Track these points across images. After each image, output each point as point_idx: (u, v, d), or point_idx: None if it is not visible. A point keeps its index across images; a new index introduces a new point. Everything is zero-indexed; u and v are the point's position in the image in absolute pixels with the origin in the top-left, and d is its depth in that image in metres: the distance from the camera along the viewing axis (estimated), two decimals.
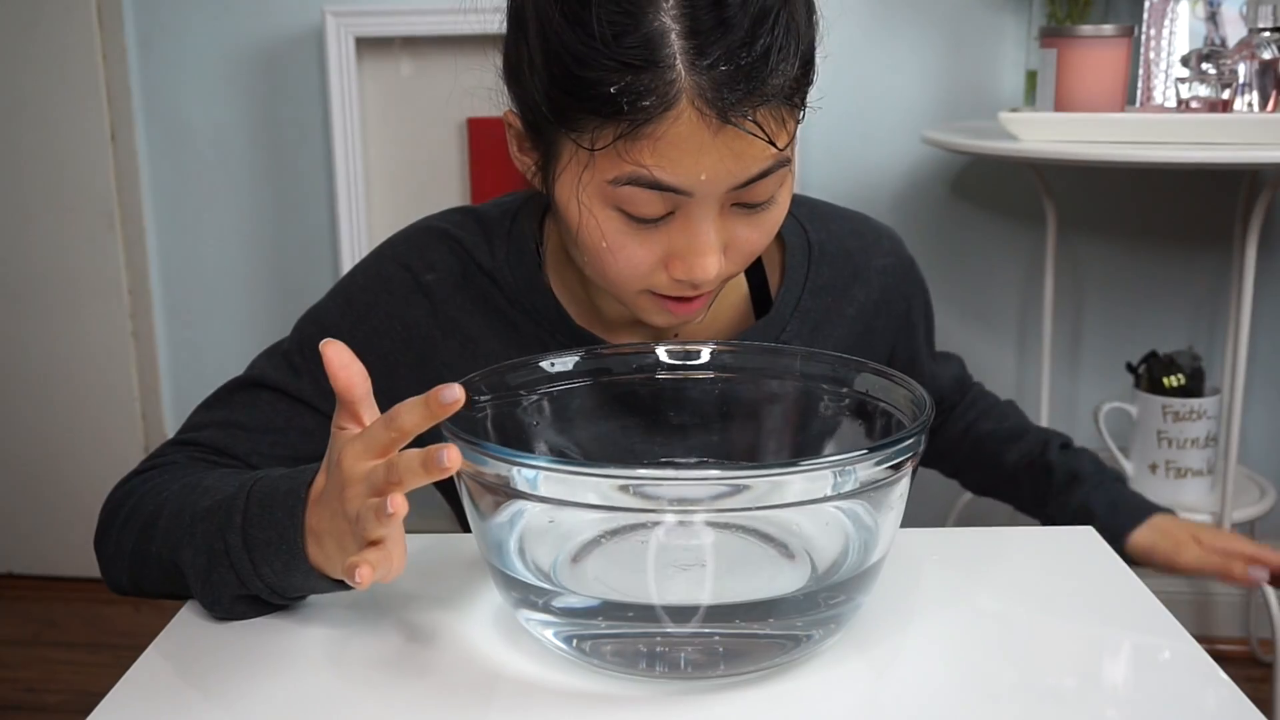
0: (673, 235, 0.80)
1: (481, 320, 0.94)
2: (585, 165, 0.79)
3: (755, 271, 0.99)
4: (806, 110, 0.84)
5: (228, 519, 0.74)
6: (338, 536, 0.68)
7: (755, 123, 0.76)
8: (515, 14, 0.82)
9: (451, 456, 0.61)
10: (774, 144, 0.77)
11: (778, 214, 0.84)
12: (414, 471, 0.62)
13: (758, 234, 0.83)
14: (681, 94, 0.74)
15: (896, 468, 0.66)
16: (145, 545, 0.82)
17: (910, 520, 0.77)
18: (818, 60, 0.83)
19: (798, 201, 1.01)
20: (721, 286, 0.88)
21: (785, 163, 0.80)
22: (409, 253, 0.96)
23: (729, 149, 0.76)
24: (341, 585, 0.73)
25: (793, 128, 0.81)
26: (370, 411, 0.69)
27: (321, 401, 0.93)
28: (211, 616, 0.77)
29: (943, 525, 1.92)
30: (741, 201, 0.81)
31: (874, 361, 0.81)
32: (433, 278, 0.94)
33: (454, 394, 0.62)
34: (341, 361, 0.68)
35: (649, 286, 0.84)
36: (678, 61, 0.74)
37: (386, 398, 0.93)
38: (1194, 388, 1.88)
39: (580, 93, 0.75)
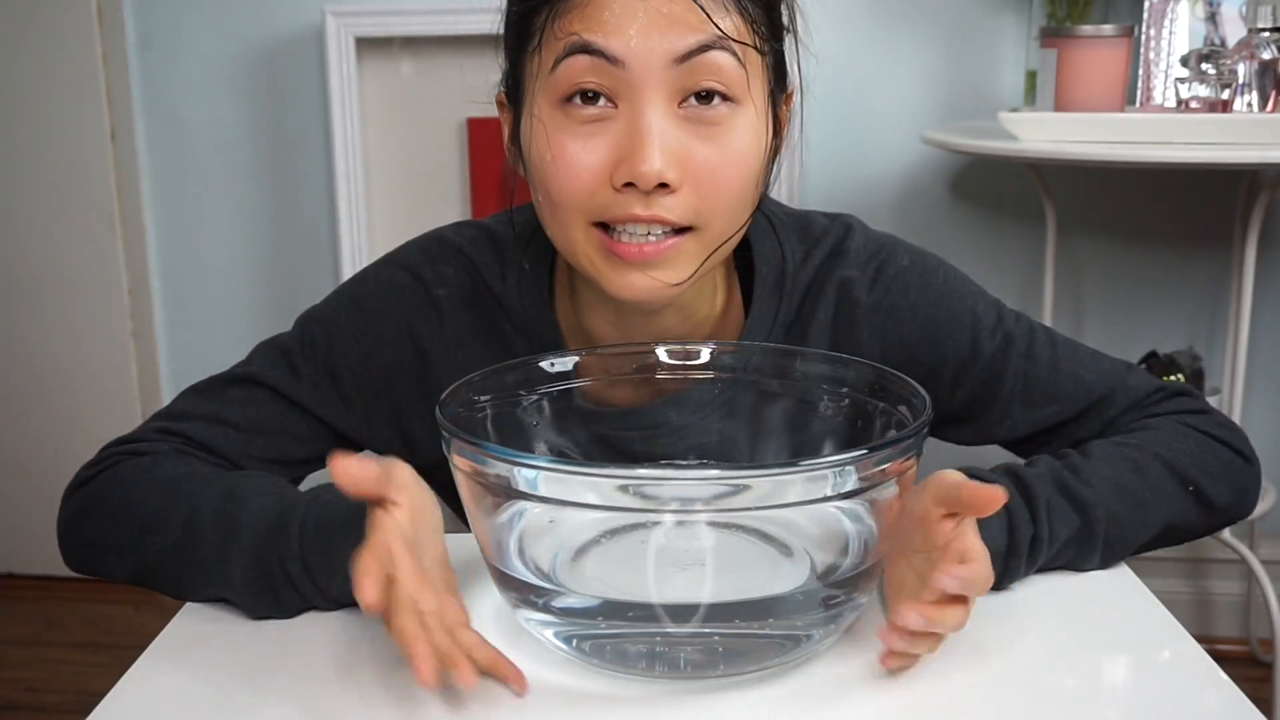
0: (617, 136, 0.79)
1: (484, 343, 0.92)
2: (535, 75, 0.81)
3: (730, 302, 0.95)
4: (783, 53, 0.85)
5: (283, 544, 0.76)
6: None
7: None
8: None
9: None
10: (705, 11, 0.77)
11: (740, 145, 0.81)
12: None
13: (717, 156, 0.80)
14: None
15: (896, 468, 0.66)
16: (141, 540, 0.81)
17: None
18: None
19: (800, 219, 0.96)
20: (686, 253, 0.82)
21: (731, 52, 0.79)
22: (423, 263, 0.94)
23: (658, 11, 0.77)
24: None
25: (739, 25, 0.79)
26: (397, 492, 0.69)
27: (318, 407, 0.92)
28: (249, 617, 0.78)
29: None
30: (688, 93, 0.79)
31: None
32: (444, 292, 0.92)
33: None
34: (352, 480, 0.67)
35: (595, 209, 0.80)
36: None
37: (386, 406, 0.93)
38: (1194, 388, 1.88)
39: None
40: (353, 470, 0.66)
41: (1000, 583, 0.78)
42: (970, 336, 0.92)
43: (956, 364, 0.92)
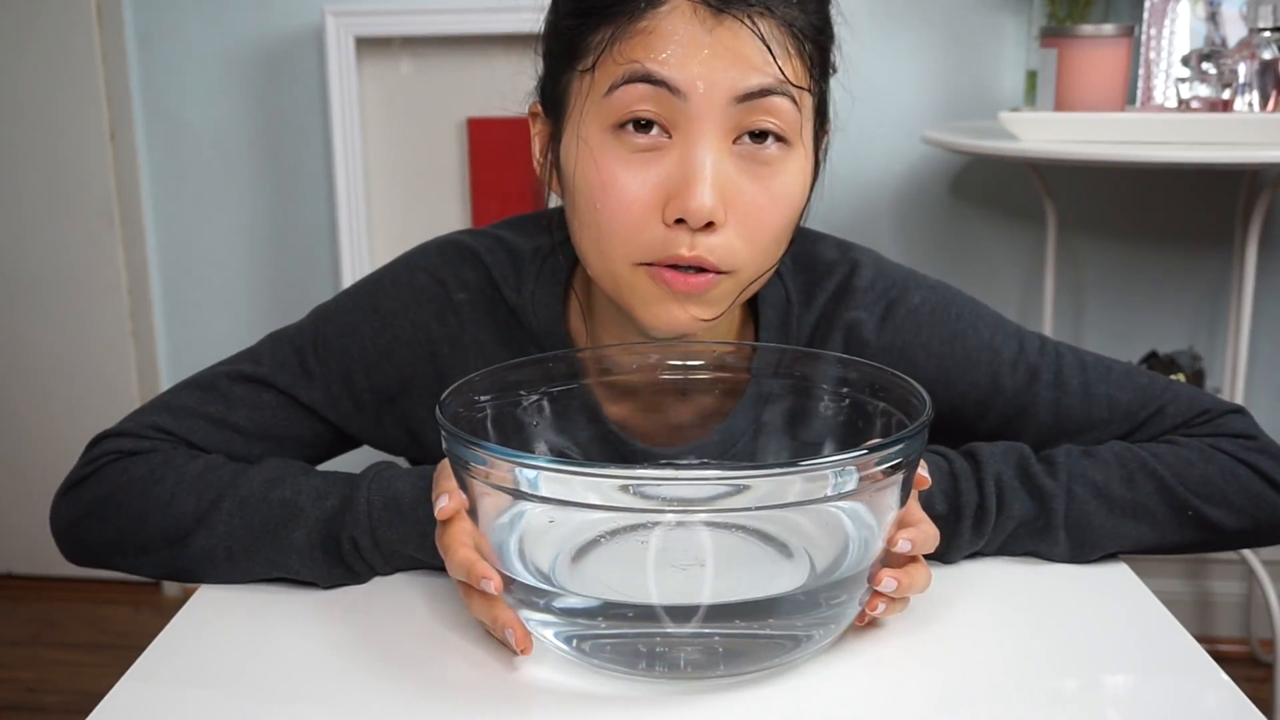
0: (668, 168, 0.78)
1: (499, 352, 0.91)
2: (586, 94, 0.80)
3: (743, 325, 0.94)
4: (827, 92, 0.85)
5: (349, 521, 0.80)
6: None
7: (752, 21, 0.76)
8: None
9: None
10: (771, 52, 0.77)
11: (788, 189, 0.80)
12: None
13: (764, 196, 0.79)
14: None
15: (897, 468, 0.66)
16: (183, 536, 0.82)
17: None
18: (835, 55, 0.84)
19: (806, 255, 0.94)
20: (721, 292, 0.82)
21: (790, 97, 0.78)
22: (443, 267, 0.93)
23: (724, 47, 0.76)
24: None
25: (799, 69, 0.79)
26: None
27: (329, 409, 0.91)
28: (321, 587, 0.82)
29: None
30: (743, 130, 0.78)
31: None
32: (464, 297, 0.91)
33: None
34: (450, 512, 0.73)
35: (642, 247, 0.79)
36: None
37: (398, 407, 0.93)
38: None
39: (582, 6, 0.80)
40: (453, 508, 0.73)
41: (948, 549, 0.82)
42: (990, 373, 0.90)
43: (977, 403, 0.91)
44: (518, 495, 0.66)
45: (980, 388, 0.90)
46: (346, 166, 2.11)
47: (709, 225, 0.78)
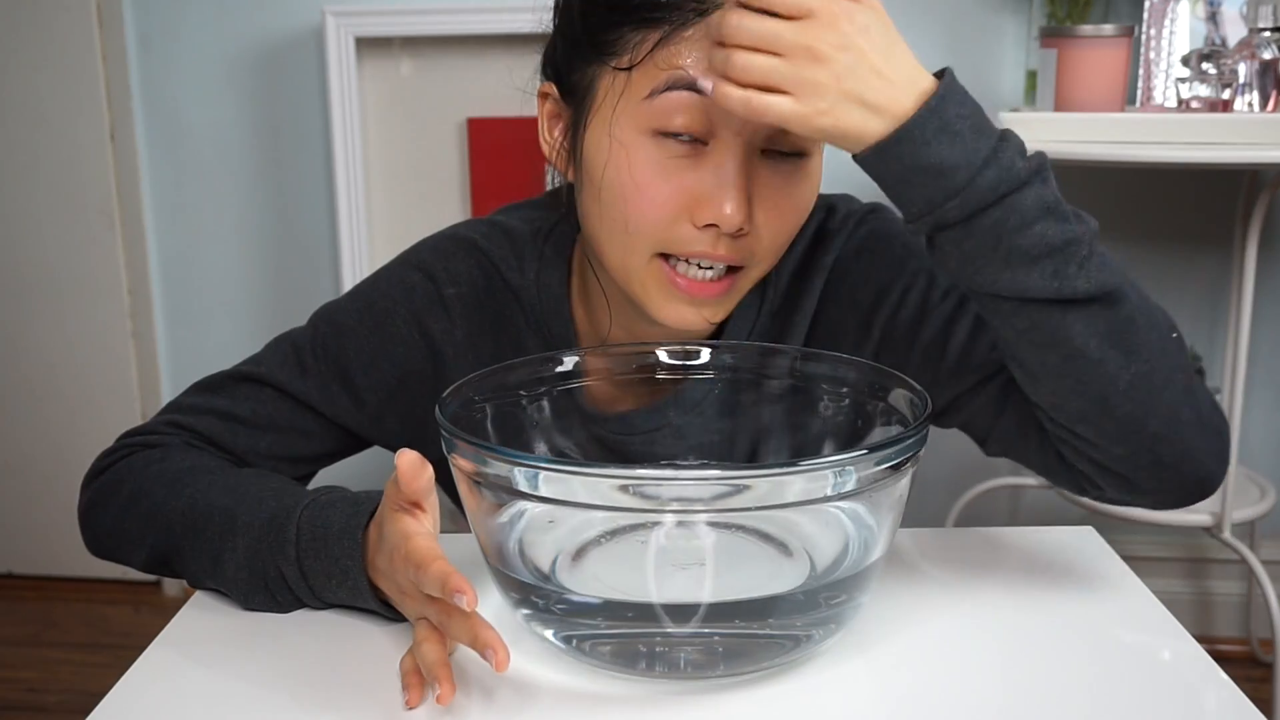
0: (700, 176, 0.79)
1: (494, 342, 0.93)
2: (621, 93, 0.80)
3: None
4: None
5: (278, 548, 0.77)
6: (400, 584, 0.72)
7: None
8: None
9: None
10: None
11: (809, 194, 0.83)
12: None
13: (787, 203, 0.81)
14: None
15: (896, 468, 0.66)
16: (149, 530, 0.84)
17: (910, 520, 0.77)
18: None
19: None
20: (735, 290, 0.84)
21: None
22: (434, 261, 0.94)
23: None
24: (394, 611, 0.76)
25: None
26: (429, 501, 0.71)
27: (325, 406, 0.93)
28: (240, 608, 0.80)
29: (943, 525, 1.92)
30: (772, 148, 0.80)
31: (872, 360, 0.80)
32: (454, 292, 0.93)
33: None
34: (414, 472, 0.69)
35: (667, 241, 0.81)
36: None
37: (398, 405, 0.93)
38: None
39: (623, 4, 0.78)
40: (414, 464, 0.69)
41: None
42: (922, 290, 0.87)
43: (909, 320, 0.87)
44: (517, 495, 0.66)
45: (911, 307, 0.87)
46: (346, 166, 2.11)
47: (739, 231, 0.80)
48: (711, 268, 0.82)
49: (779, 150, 0.80)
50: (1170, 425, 0.76)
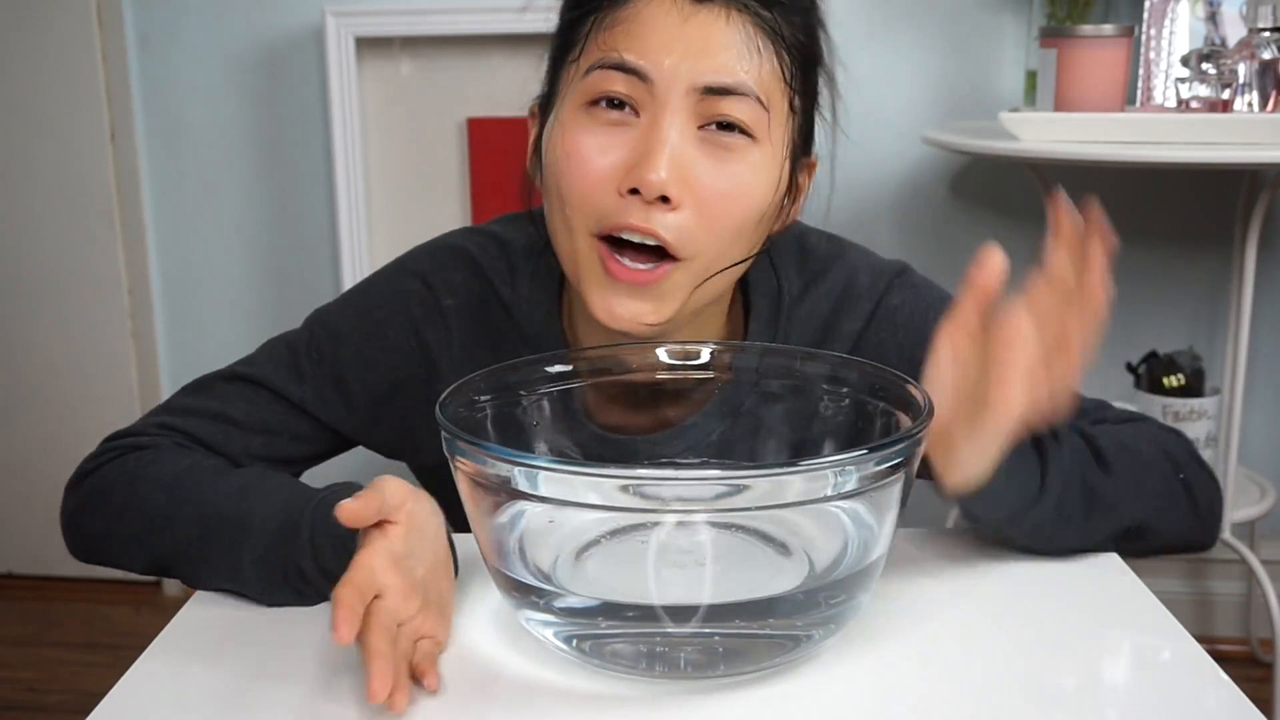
0: (632, 143, 0.80)
1: (488, 354, 0.92)
2: (571, 81, 0.83)
3: (727, 326, 0.94)
4: (812, 119, 0.86)
5: (296, 548, 0.76)
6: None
7: (727, 15, 0.79)
8: None
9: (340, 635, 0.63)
10: (741, 57, 0.79)
11: (748, 179, 0.81)
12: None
13: (724, 183, 0.80)
14: None
15: (896, 468, 0.66)
16: (149, 535, 0.83)
17: (910, 520, 0.77)
18: (826, 69, 0.86)
19: (797, 246, 0.95)
20: (672, 285, 0.81)
21: (756, 97, 0.80)
22: (431, 270, 0.94)
23: (697, 37, 0.79)
24: None
25: (771, 72, 0.81)
26: (394, 512, 0.70)
27: (320, 410, 0.92)
28: (263, 604, 0.79)
29: (942, 525, 1.92)
30: (709, 119, 0.80)
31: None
32: (451, 303, 0.93)
33: None
34: (356, 522, 0.68)
35: (600, 214, 0.80)
36: None
37: (391, 410, 0.93)
38: (1194, 388, 1.87)
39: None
40: (356, 513, 0.68)
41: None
42: None
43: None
44: (518, 495, 0.66)
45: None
46: (346, 166, 2.11)
47: (665, 201, 0.79)
48: (644, 262, 0.80)
49: (722, 124, 0.81)
50: (1156, 531, 0.85)
